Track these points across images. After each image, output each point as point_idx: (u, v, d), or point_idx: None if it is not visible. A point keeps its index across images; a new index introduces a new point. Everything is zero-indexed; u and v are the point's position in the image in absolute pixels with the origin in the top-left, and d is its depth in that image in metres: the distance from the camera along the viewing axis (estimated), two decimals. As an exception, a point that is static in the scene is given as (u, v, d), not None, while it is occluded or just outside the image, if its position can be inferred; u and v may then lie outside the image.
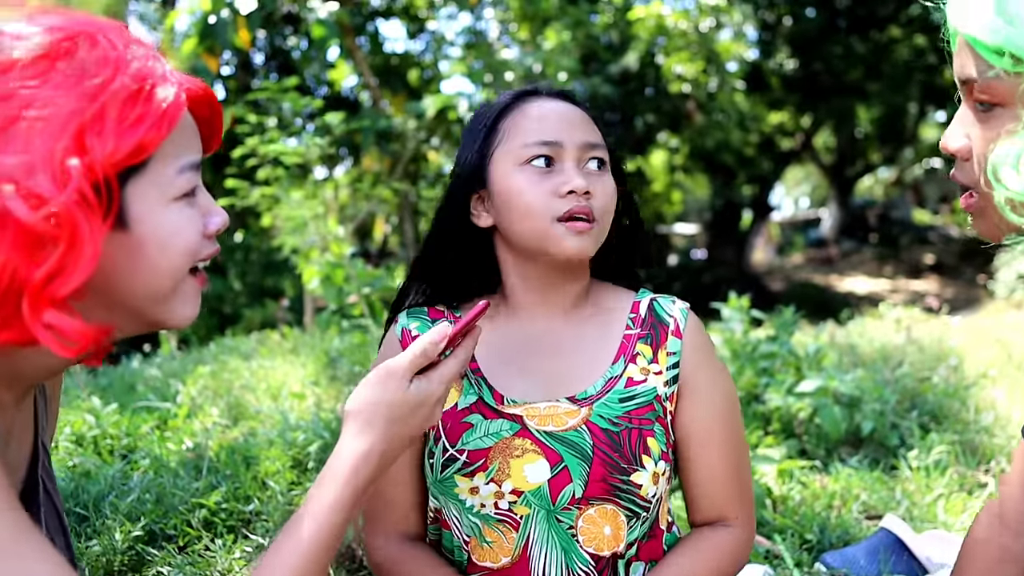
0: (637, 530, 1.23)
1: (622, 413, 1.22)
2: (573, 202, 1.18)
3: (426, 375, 1.01)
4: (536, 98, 1.27)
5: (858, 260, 20.99)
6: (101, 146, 0.76)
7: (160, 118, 0.80)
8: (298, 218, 5.20)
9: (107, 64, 0.79)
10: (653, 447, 1.22)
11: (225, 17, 6.36)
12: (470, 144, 1.27)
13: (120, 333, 0.88)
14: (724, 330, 3.40)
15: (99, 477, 2.22)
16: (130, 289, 0.83)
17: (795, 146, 19.97)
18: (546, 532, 1.20)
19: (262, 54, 13.48)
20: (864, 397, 2.79)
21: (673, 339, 1.29)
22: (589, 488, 1.19)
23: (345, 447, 0.96)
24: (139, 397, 3.29)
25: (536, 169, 1.20)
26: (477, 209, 1.27)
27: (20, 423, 0.92)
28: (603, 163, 1.25)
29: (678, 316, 1.32)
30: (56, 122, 0.74)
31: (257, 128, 5.68)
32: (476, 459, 1.21)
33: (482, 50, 9.89)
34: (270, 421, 2.87)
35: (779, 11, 16.38)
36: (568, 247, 1.19)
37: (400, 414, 0.98)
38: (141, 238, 0.82)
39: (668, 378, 1.27)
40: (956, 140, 0.96)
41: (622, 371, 1.26)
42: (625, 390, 1.25)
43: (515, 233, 1.23)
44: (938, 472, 2.41)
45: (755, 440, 2.65)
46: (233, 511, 2.08)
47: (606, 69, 13.00)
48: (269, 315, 8.76)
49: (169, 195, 0.84)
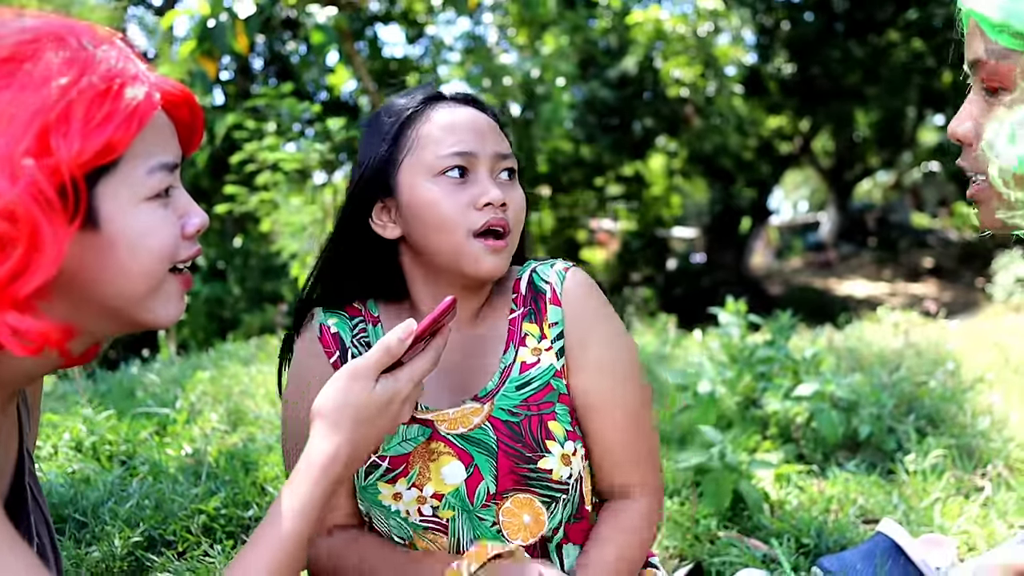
0: (559, 513, 1.23)
1: (520, 401, 1.22)
2: (490, 214, 1.16)
3: (393, 374, 1.00)
4: (444, 104, 1.23)
5: (857, 264, 21.00)
6: (67, 146, 0.75)
7: (129, 117, 0.79)
8: (296, 223, 5.21)
9: (74, 64, 0.78)
10: (556, 430, 1.21)
11: (224, 21, 6.37)
12: (373, 148, 1.22)
13: (101, 333, 0.88)
14: (721, 335, 3.40)
15: (98, 483, 2.23)
16: (102, 289, 0.83)
17: (794, 150, 20.00)
18: (472, 532, 1.21)
19: (261, 59, 13.49)
20: (861, 401, 2.80)
21: (552, 308, 1.25)
22: (500, 482, 1.20)
23: (313, 449, 0.96)
24: (138, 403, 3.29)
25: (451, 180, 1.17)
26: (382, 219, 1.22)
27: (5, 430, 0.92)
28: (513, 172, 1.23)
29: (554, 281, 1.26)
30: (18, 123, 0.74)
31: (256, 134, 5.70)
32: (397, 465, 1.21)
33: (481, 55, 9.91)
34: (269, 426, 2.87)
35: (777, 15, 16.42)
36: (484, 267, 1.17)
37: (367, 415, 0.98)
38: (111, 238, 0.81)
39: (556, 349, 1.23)
40: (962, 125, 0.97)
41: (514, 358, 1.24)
42: (520, 376, 1.23)
43: (428, 246, 1.19)
44: (935, 476, 2.42)
45: (752, 444, 2.66)
46: (232, 517, 2.08)
47: (604, 73, 13.04)
48: (268, 320, 8.75)
49: (140, 195, 0.83)
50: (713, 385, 2.83)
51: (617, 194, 17.56)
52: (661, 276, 18.03)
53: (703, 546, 2.06)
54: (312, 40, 6.74)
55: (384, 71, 11.65)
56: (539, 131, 9.88)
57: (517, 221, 1.21)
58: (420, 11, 11.30)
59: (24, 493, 0.94)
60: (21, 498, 0.93)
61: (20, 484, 0.94)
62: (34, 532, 0.93)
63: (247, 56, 9.65)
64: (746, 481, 2.19)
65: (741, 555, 1.96)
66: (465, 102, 1.25)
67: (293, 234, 5.30)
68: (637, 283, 17.41)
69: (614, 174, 16.63)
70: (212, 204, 8.21)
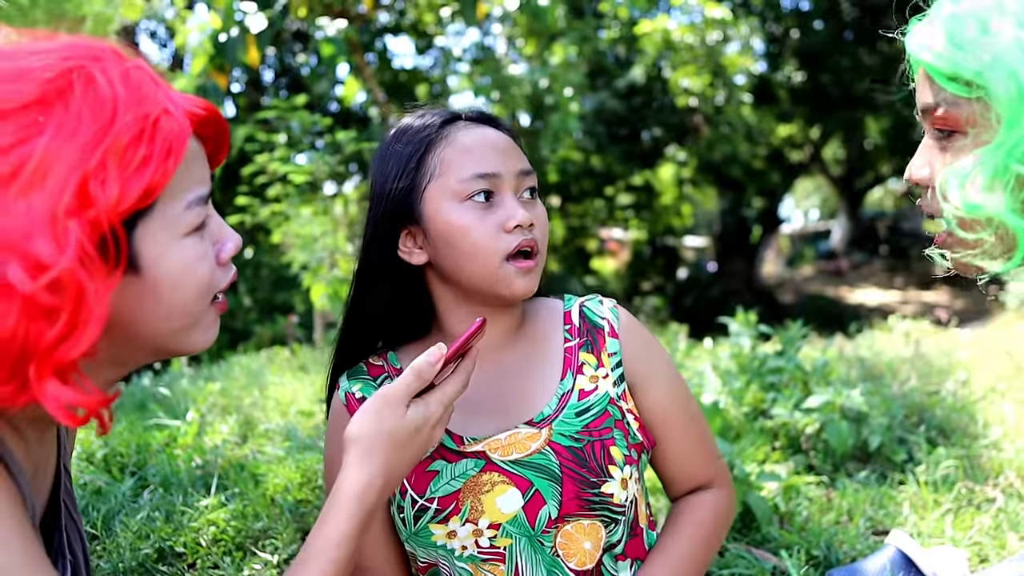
0: (617, 533, 1.24)
1: (581, 427, 1.22)
2: (520, 236, 1.17)
3: (423, 398, 1.00)
4: (462, 125, 1.22)
5: (868, 272, 20.93)
6: (105, 196, 0.71)
7: (166, 156, 0.76)
8: (307, 235, 5.24)
9: (105, 106, 0.74)
10: (616, 455, 1.22)
11: (235, 35, 6.43)
12: (394, 174, 1.20)
13: (136, 364, 0.86)
14: (732, 345, 3.40)
15: (110, 495, 2.24)
16: (144, 329, 0.81)
17: (804, 158, 19.96)
18: (532, 557, 1.20)
19: (271, 71, 13.59)
20: (871, 412, 2.79)
21: (611, 340, 1.30)
22: (564, 507, 1.19)
23: (346, 479, 0.95)
24: (149, 415, 3.30)
25: (477, 204, 1.16)
26: (407, 245, 1.22)
27: (45, 451, 0.91)
28: (535, 190, 1.23)
29: (610, 317, 1.33)
30: (56, 177, 0.69)
31: (267, 146, 5.74)
32: (447, 504, 1.20)
33: (490, 66, 9.94)
34: (279, 438, 2.88)
35: (786, 24, 16.43)
36: (518, 288, 1.18)
37: (399, 441, 0.97)
38: (154, 280, 0.79)
39: (615, 378, 1.28)
40: (919, 170, 0.99)
41: (572, 385, 1.26)
42: (579, 403, 1.25)
43: (460, 272, 1.19)
44: (946, 487, 2.40)
45: (761, 456, 2.65)
46: (242, 528, 2.09)
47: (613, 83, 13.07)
48: (279, 331, 8.79)
49: (179, 232, 0.80)
50: (718, 395, 2.83)
51: (627, 203, 17.57)
52: (672, 285, 18.01)
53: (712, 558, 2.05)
54: (322, 53, 6.79)
55: (394, 82, 11.71)
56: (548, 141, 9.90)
57: (543, 238, 1.23)
58: (429, 22, 11.36)
59: (60, 510, 0.94)
60: (57, 515, 0.93)
61: (56, 501, 0.94)
62: (66, 549, 0.92)
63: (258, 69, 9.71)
64: (755, 493, 2.18)
65: (750, 567, 1.96)
66: (481, 121, 1.25)
67: (304, 246, 5.33)
68: (648, 292, 17.40)
69: (624, 184, 16.65)
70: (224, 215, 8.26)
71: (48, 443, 0.92)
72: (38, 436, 0.88)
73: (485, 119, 1.26)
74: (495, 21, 10.90)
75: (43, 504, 0.92)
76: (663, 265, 18.55)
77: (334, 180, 6.27)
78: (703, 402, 2.75)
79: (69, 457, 1.01)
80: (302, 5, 7.08)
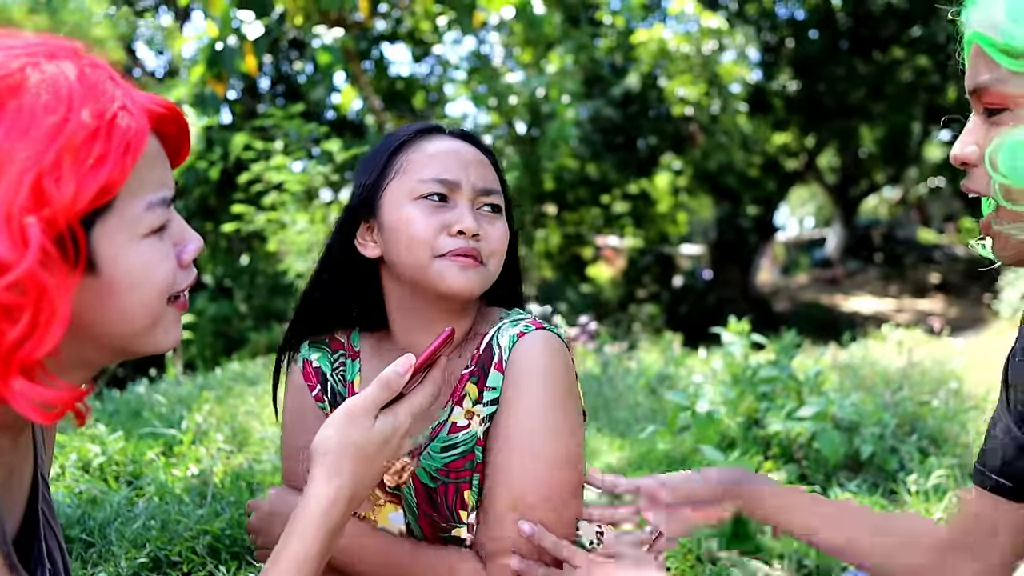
0: None
1: (441, 466, 1.19)
2: (460, 242, 1.16)
3: (392, 409, 0.98)
4: (438, 136, 1.25)
5: (863, 280, 20.97)
6: (60, 194, 0.69)
7: (123, 153, 0.74)
8: (302, 242, 5.25)
9: (60, 102, 0.72)
10: (469, 499, 1.20)
11: (232, 44, 6.46)
12: (365, 174, 1.24)
13: (100, 365, 0.86)
14: (725, 354, 3.42)
15: (105, 504, 2.24)
16: (103, 329, 0.79)
17: (799, 167, 20.02)
18: None
19: (268, 79, 13.61)
20: (864, 421, 2.81)
21: (495, 373, 1.19)
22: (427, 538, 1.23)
23: (312, 494, 0.94)
24: (145, 423, 3.31)
25: (429, 204, 1.18)
26: (364, 238, 1.24)
27: (19, 458, 0.91)
28: (498, 208, 1.23)
29: (504, 346, 1.19)
30: (11, 175, 0.68)
31: (263, 154, 5.75)
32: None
33: (486, 74, 9.98)
34: (274, 447, 2.89)
35: (781, 33, 16.51)
36: (453, 282, 1.16)
37: (367, 453, 0.96)
38: (112, 280, 0.77)
39: (484, 415, 1.19)
40: (966, 148, 0.99)
41: (448, 416, 1.21)
42: (448, 437, 1.20)
43: (399, 264, 1.20)
44: (937, 497, 2.42)
45: (754, 465, 2.66)
46: (237, 538, 2.09)
47: (609, 92, 13.11)
48: (275, 338, 8.78)
49: (138, 233, 0.78)
50: (712, 405, 2.84)
51: (623, 211, 17.60)
52: (667, 293, 18.02)
53: (705, 567, 2.06)
54: (319, 60, 6.82)
55: (390, 90, 11.73)
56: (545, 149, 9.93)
57: (492, 254, 1.20)
58: (426, 30, 11.40)
59: (38, 519, 0.93)
60: (35, 524, 0.92)
61: (34, 510, 0.93)
62: (45, 558, 0.92)
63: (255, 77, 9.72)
64: (748, 502, 2.19)
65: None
66: (460, 136, 1.27)
67: (299, 253, 5.34)
68: (643, 300, 17.41)
69: (620, 192, 16.69)
70: (220, 222, 8.27)
71: (23, 450, 0.91)
72: (10, 443, 0.87)
73: (464, 135, 1.28)
74: (492, 29, 10.94)
75: (20, 513, 0.91)
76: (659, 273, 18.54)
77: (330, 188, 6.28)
78: (698, 411, 2.76)
79: (47, 466, 1.00)
80: (299, 13, 7.11)
